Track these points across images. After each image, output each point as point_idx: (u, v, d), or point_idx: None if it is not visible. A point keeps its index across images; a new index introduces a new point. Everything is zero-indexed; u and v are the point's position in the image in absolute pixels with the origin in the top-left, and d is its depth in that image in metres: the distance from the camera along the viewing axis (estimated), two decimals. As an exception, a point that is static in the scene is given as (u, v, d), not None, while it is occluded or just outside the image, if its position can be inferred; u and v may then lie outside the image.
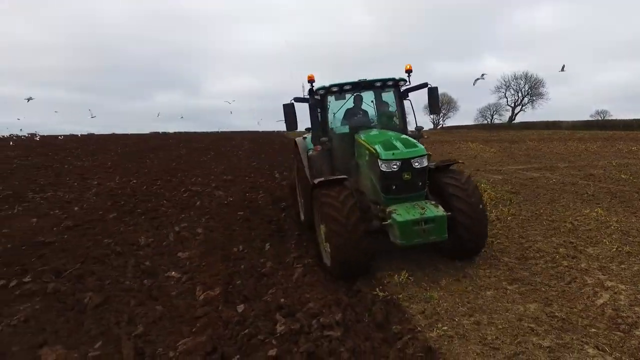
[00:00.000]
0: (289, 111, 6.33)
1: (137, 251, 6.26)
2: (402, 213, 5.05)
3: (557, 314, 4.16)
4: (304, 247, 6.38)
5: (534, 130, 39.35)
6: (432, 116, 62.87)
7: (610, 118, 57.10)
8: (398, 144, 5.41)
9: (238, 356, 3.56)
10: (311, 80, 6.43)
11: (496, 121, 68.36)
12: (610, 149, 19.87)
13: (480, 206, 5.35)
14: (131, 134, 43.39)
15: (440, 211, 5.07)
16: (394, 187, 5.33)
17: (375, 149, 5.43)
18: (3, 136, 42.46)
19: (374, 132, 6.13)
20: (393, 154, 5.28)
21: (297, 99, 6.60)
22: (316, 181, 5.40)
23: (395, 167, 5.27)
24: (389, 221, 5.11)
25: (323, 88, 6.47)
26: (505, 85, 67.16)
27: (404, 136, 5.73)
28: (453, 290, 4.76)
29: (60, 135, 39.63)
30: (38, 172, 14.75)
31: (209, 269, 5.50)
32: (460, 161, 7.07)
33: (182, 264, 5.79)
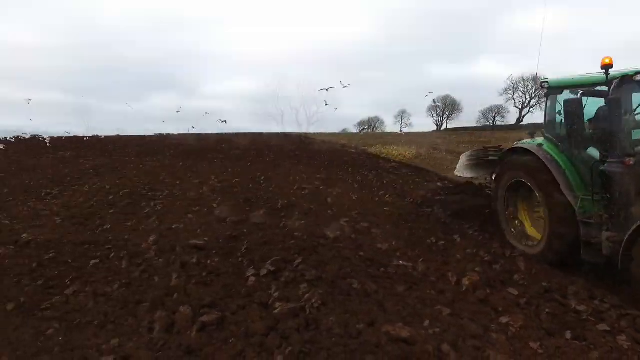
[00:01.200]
0: (575, 109, 4.95)
1: (335, 244, 6.59)
2: None
3: None
4: (490, 241, 6.79)
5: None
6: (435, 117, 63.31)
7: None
8: None
9: (569, 331, 3.94)
10: (608, 66, 4.77)
11: (498, 123, 69.08)
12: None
13: None
14: (135, 136, 43.12)
15: None
16: None
17: None
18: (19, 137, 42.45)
19: None
20: None
21: (587, 93, 5.08)
22: None
23: None
24: None
25: (626, 76, 4.80)
26: (513, 87, 68.26)
27: None
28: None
29: (86, 137, 39.64)
30: (123, 172, 14.96)
31: (428, 258, 5.87)
32: None
33: (391, 254, 6.13)
